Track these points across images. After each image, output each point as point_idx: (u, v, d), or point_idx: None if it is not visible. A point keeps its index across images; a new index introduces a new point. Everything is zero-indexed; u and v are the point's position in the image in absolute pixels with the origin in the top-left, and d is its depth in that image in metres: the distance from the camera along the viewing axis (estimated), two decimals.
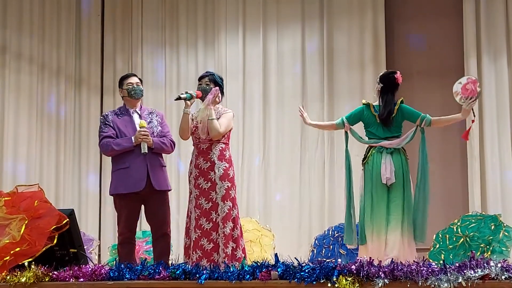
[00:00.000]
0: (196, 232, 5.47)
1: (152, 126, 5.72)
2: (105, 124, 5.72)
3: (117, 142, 5.62)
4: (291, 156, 8.78)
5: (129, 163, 5.57)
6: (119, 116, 5.76)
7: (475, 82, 5.79)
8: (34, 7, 8.89)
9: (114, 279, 4.91)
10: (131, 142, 5.58)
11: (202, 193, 5.49)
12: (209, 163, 5.50)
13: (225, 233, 5.36)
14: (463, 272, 4.26)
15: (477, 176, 7.97)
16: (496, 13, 8.18)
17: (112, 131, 5.68)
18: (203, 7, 9.39)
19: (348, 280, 4.37)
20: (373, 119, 5.77)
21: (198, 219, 5.47)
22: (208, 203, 5.46)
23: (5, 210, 5.57)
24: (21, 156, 8.57)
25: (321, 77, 8.78)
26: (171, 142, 5.77)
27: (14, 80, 8.59)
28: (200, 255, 5.40)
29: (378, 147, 5.69)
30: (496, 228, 6.64)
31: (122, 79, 5.87)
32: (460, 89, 5.80)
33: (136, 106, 5.81)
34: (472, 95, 5.74)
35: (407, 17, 8.72)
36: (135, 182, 5.53)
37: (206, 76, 5.73)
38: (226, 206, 5.42)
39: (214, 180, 5.47)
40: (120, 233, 5.66)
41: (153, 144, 5.59)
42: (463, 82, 5.78)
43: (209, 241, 5.41)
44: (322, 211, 8.50)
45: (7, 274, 5.10)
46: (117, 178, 5.65)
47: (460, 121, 5.96)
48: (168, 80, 9.45)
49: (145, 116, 5.77)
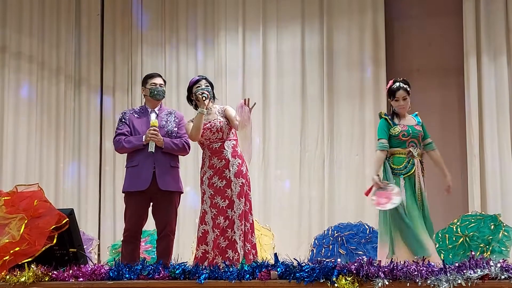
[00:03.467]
0: (214, 232, 5.49)
1: (167, 126, 5.73)
2: (122, 121, 5.77)
3: (128, 139, 5.66)
4: (291, 155, 8.78)
5: (138, 161, 5.61)
6: (137, 115, 5.79)
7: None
8: (34, 7, 8.89)
9: (113, 279, 4.91)
10: (141, 141, 5.61)
11: (218, 191, 5.52)
12: (224, 161, 5.54)
13: (242, 230, 5.41)
14: (462, 272, 4.26)
15: (477, 175, 7.97)
16: (496, 12, 8.18)
17: (126, 129, 5.71)
18: (203, 7, 9.39)
19: (347, 280, 4.36)
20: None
21: (215, 218, 5.50)
22: (225, 201, 5.49)
23: (4, 209, 5.56)
24: (21, 155, 8.57)
25: (321, 76, 8.78)
26: (185, 143, 5.76)
27: (14, 80, 8.59)
28: (216, 253, 5.43)
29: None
30: (495, 228, 6.65)
31: (147, 77, 5.89)
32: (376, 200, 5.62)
33: (156, 106, 5.82)
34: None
35: (407, 16, 8.72)
36: (141, 180, 5.56)
37: (202, 79, 5.76)
38: (241, 203, 5.46)
39: (229, 177, 5.50)
40: (125, 229, 5.69)
41: (163, 144, 5.60)
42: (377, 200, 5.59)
43: (225, 239, 5.44)
44: (322, 210, 8.50)
45: (7, 274, 5.10)
46: (127, 176, 5.69)
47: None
48: (168, 80, 9.38)
49: (162, 116, 5.77)
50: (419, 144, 5.68)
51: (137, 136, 5.66)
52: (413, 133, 5.65)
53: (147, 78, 5.87)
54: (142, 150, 5.61)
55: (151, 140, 5.56)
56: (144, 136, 5.61)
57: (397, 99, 5.67)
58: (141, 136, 5.64)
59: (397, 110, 5.71)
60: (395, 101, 5.69)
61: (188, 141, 5.79)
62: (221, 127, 5.60)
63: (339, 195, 8.44)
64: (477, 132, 8.03)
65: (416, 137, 5.65)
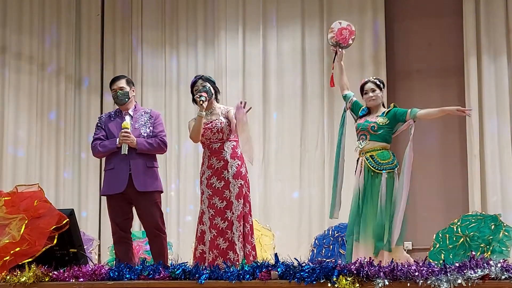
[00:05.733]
0: (211, 232, 5.48)
1: (141, 126, 5.68)
2: (98, 126, 5.78)
3: (103, 144, 5.65)
4: (291, 156, 8.78)
5: (114, 165, 5.60)
6: (112, 118, 5.77)
7: (352, 33, 5.77)
8: (34, 7, 8.89)
9: (114, 279, 4.91)
10: (115, 144, 5.59)
11: (216, 192, 5.51)
12: (223, 161, 5.52)
13: (241, 231, 5.41)
14: (463, 272, 4.26)
15: (477, 175, 7.97)
16: (496, 12, 8.18)
17: (102, 133, 5.71)
18: (203, 7, 9.39)
19: (348, 280, 4.36)
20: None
21: (213, 219, 5.49)
22: (223, 202, 5.48)
23: (5, 210, 5.57)
24: (21, 155, 8.57)
25: (321, 76, 8.78)
26: (161, 142, 5.68)
27: (14, 80, 8.59)
28: (216, 254, 5.41)
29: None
30: (496, 228, 6.64)
31: (110, 83, 5.86)
32: (337, 29, 5.77)
33: (128, 108, 5.78)
34: (343, 42, 5.73)
35: (407, 16, 8.72)
36: (118, 183, 5.54)
37: (199, 78, 5.72)
38: (240, 204, 5.44)
39: (227, 178, 5.49)
40: (112, 232, 5.70)
41: (137, 145, 5.56)
42: (343, 26, 5.74)
43: (225, 240, 5.43)
44: (322, 211, 8.49)
45: (7, 274, 5.10)
46: (105, 179, 5.71)
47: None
48: (168, 80, 9.45)
49: (137, 117, 5.73)
50: (370, 136, 5.57)
51: (111, 139, 5.64)
52: (363, 126, 5.62)
53: (110, 84, 5.84)
54: (117, 153, 5.58)
55: (123, 142, 5.53)
56: (118, 139, 5.59)
57: (366, 92, 5.69)
58: (115, 139, 5.61)
59: (367, 103, 5.69)
60: (364, 94, 5.71)
61: (164, 139, 5.71)
62: (222, 128, 5.58)
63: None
64: (477, 132, 8.03)
65: (365, 129, 5.59)
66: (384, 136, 5.57)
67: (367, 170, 5.54)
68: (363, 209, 5.51)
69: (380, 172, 5.48)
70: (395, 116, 5.58)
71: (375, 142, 5.57)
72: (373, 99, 5.66)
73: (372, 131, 5.57)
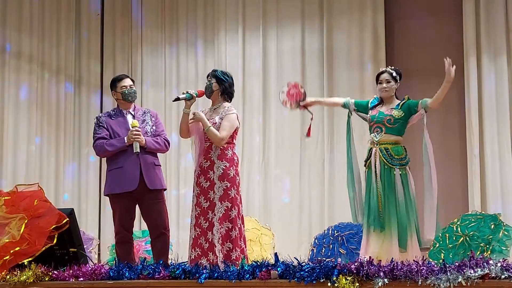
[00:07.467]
0: (196, 230, 5.46)
1: (145, 125, 5.72)
2: (99, 125, 5.75)
3: (110, 142, 5.64)
4: (291, 155, 8.78)
5: (123, 163, 5.58)
6: (113, 117, 5.78)
7: (296, 86, 5.83)
8: (34, 7, 8.89)
9: (114, 279, 4.92)
10: (123, 142, 5.59)
11: (202, 191, 5.48)
12: (209, 162, 5.47)
13: (221, 234, 5.33)
14: (462, 272, 4.26)
15: (477, 175, 7.97)
16: (496, 12, 8.18)
17: (105, 132, 5.69)
18: (203, 6, 9.39)
19: (348, 280, 4.37)
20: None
21: (198, 218, 5.47)
22: (207, 202, 5.44)
23: (4, 209, 5.57)
24: (21, 155, 8.57)
25: (321, 76, 8.79)
26: (165, 141, 5.76)
27: (14, 80, 8.59)
28: (199, 253, 5.39)
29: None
30: (496, 228, 6.64)
31: (115, 81, 5.86)
32: (286, 97, 5.83)
33: (129, 107, 5.82)
34: (297, 97, 5.78)
35: (407, 16, 8.72)
36: (129, 181, 5.54)
37: (210, 73, 5.70)
38: (223, 207, 5.37)
39: (212, 179, 5.44)
40: (116, 232, 5.68)
41: (146, 144, 5.59)
42: (285, 90, 5.80)
43: (206, 240, 5.40)
44: (322, 210, 8.50)
45: (7, 274, 5.10)
46: (111, 178, 5.67)
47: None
48: (168, 80, 9.45)
49: (138, 116, 5.76)
50: (385, 129, 5.51)
51: (119, 138, 5.64)
52: (378, 118, 5.55)
53: (115, 82, 5.84)
54: (125, 152, 5.58)
55: (134, 141, 5.54)
56: (126, 137, 5.59)
57: (381, 82, 5.61)
58: (123, 138, 5.61)
59: (380, 94, 5.63)
60: (379, 84, 5.63)
61: (167, 139, 5.80)
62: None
63: (339, 195, 8.41)
64: (477, 132, 8.03)
65: (381, 122, 5.52)
66: (399, 129, 5.54)
67: (381, 162, 5.49)
68: (384, 198, 5.42)
69: (393, 167, 5.44)
70: (409, 108, 5.55)
71: (390, 135, 5.52)
72: (386, 91, 5.59)
73: (388, 124, 5.52)
